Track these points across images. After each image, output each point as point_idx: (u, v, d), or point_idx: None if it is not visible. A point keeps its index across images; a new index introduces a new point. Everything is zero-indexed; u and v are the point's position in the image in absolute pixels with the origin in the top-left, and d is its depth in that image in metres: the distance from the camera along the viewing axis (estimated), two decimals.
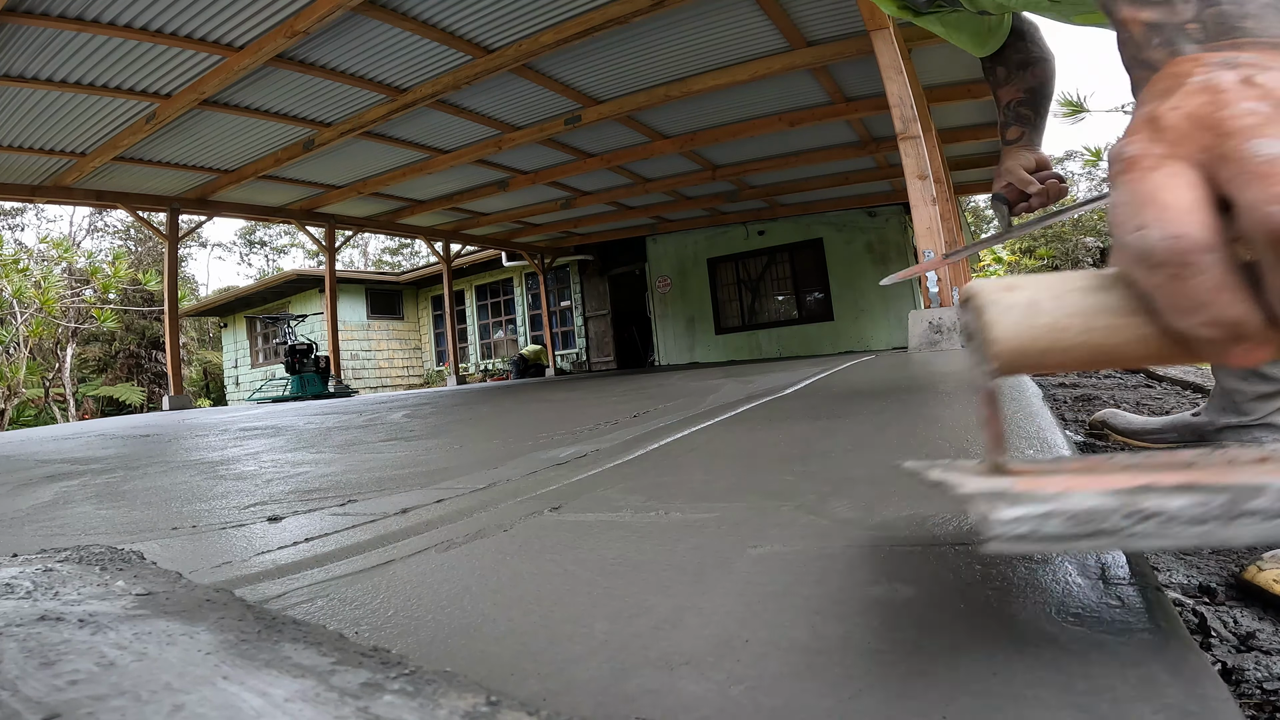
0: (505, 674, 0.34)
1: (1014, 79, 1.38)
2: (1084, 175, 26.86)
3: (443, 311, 13.57)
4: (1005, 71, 1.38)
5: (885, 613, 0.37)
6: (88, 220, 23.17)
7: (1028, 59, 1.37)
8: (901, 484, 0.65)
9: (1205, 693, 0.26)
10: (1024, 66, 1.37)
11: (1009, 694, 0.27)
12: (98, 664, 0.25)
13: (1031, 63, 1.37)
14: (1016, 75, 1.38)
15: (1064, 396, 2.73)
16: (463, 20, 4.84)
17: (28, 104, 5.34)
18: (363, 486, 1.08)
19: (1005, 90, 1.38)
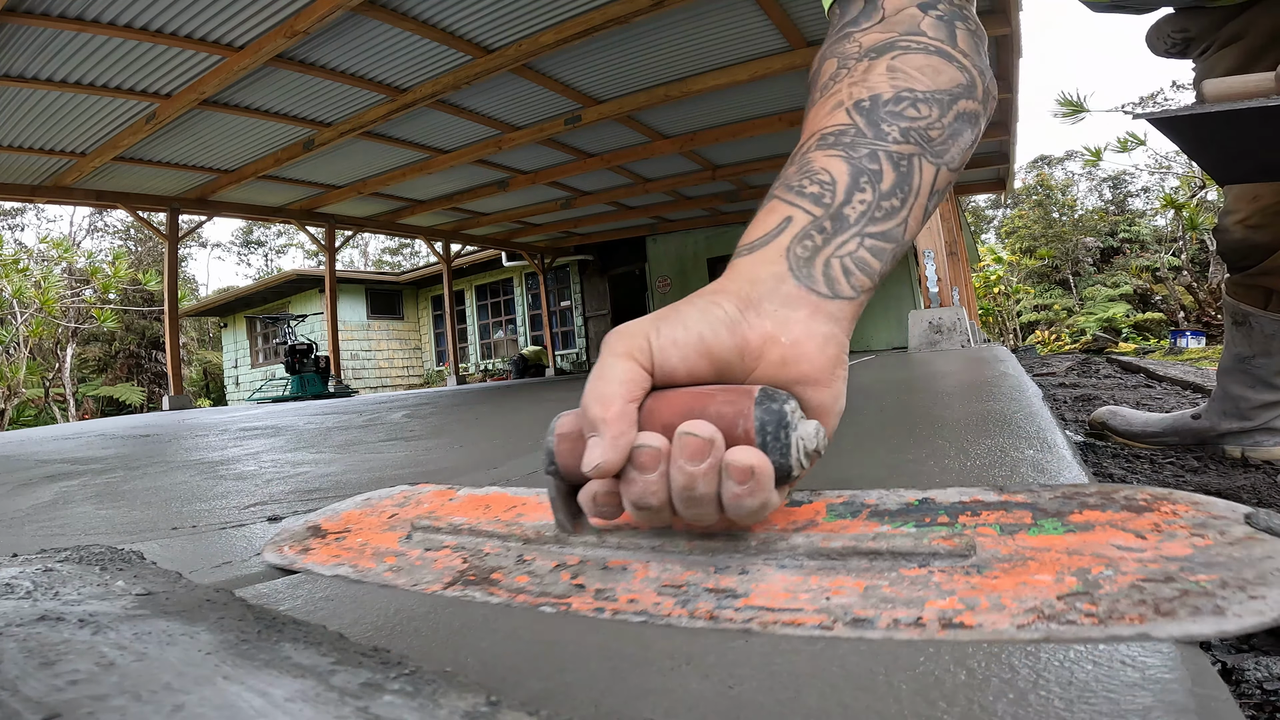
0: (506, 674, 0.34)
1: (851, 73, 0.54)
2: (1084, 175, 26.87)
3: (443, 311, 13.57)
4: (837, 59, 0.56)
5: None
6: (88, 220, 23.19)
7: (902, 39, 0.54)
8: (900, 483, 0.65)
9: (1205, 692, 0.26)
10: (884, 51, 0.54)
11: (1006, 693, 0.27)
12: (98, 664, 0.25)
13: (908, 48, 0.54)
14: (856, 65, 0.54)
15: (1064, 396, 2.73)
16: (463, 20, 4.84)
17: (28, 104, 5.34)
18: (363, 486, 1.07)
19: (815, 109, 0.54)
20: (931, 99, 0.51)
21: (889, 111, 0.50)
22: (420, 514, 0.62)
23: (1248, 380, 1.27)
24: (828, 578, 0.39)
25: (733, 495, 0.38)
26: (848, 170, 0.48)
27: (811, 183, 0.48)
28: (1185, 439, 1.39)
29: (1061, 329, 18.56)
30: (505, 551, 0.51)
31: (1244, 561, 0.33)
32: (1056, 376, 3.89)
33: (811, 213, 0.46)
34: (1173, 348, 9.60)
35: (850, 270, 0.45)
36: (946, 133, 0.51)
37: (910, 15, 0.56)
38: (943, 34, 0.55)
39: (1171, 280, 16.43)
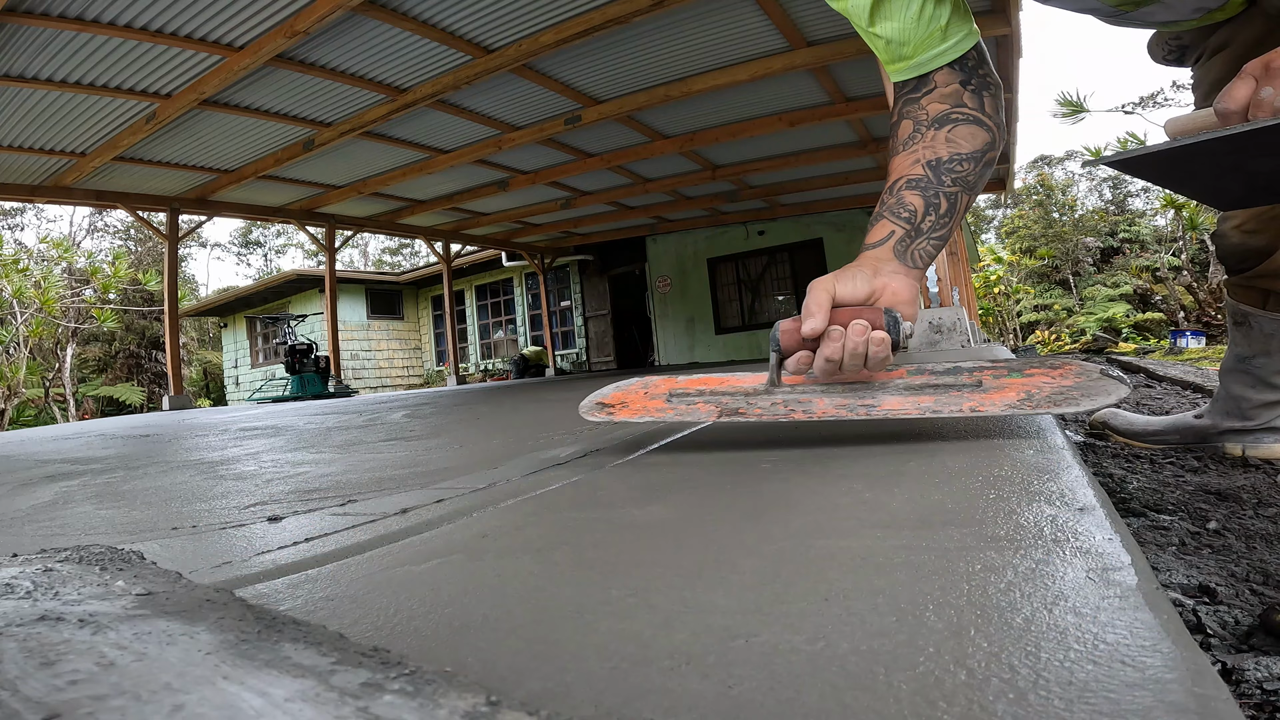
0: (506, 674, 0.34)
1: (923, 138, 0.91)
2: (1084, 175, 26.85)
3: (443, 311, 13.57)
4: (912, 122, 0.92)
5: (887, 610, 0.37)
6: (88, 220, 23.17)
7: (954, 111, 0.91)
8: (897, 483, 0.65)
9: (1205, 692, 0.26)
10: (944, 123, 0.90)
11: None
12: (98, 664, 0.25)
13: (957, 120, 0.90)
14: (927, 133, 0.91)
15: None
16: (463, 20, 4.84)
17: (28, 104, 5.34)
18: (363, 486, 1.08)
19: (901, 156, 0.92)
20: (970, 158, 0.90)
21: (946, 168, 0.90)
22: (665, 389, 1.00)
23: (1248, 380, 1.27)
24: (916, 396, 0.83)
25: (874, 352, 0.78)
26: (923, 204, 0.89)
27: (904, 209, 0.89)
28: (1186, 438, 1.39)
29: (1061, 329, 18.55)
30: (737, 399, 0.91)
31: (1094, 388, 0.77)
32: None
33: (904, 228, 0.88)
34: (1173, 348, 9.60)
35: (921, 256, 0.88)
36: (977, 176, 0.91)
37: (955, 91, 0.92)
38: (977, 103, 0.92)
39: (1171, 280, 16.43)
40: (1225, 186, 0.72)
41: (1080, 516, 0.50)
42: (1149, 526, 0.94)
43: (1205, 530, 0.91)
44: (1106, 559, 0.41)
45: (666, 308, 12.47)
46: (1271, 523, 0.93)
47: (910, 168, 0.89)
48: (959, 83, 0.92)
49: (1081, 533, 0.47)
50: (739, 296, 11.94)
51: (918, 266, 0.87)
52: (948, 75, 0.93)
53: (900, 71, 0.95)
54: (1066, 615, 0.34)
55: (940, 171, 0.88)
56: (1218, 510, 1.00)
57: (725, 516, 0.62)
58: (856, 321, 0.77)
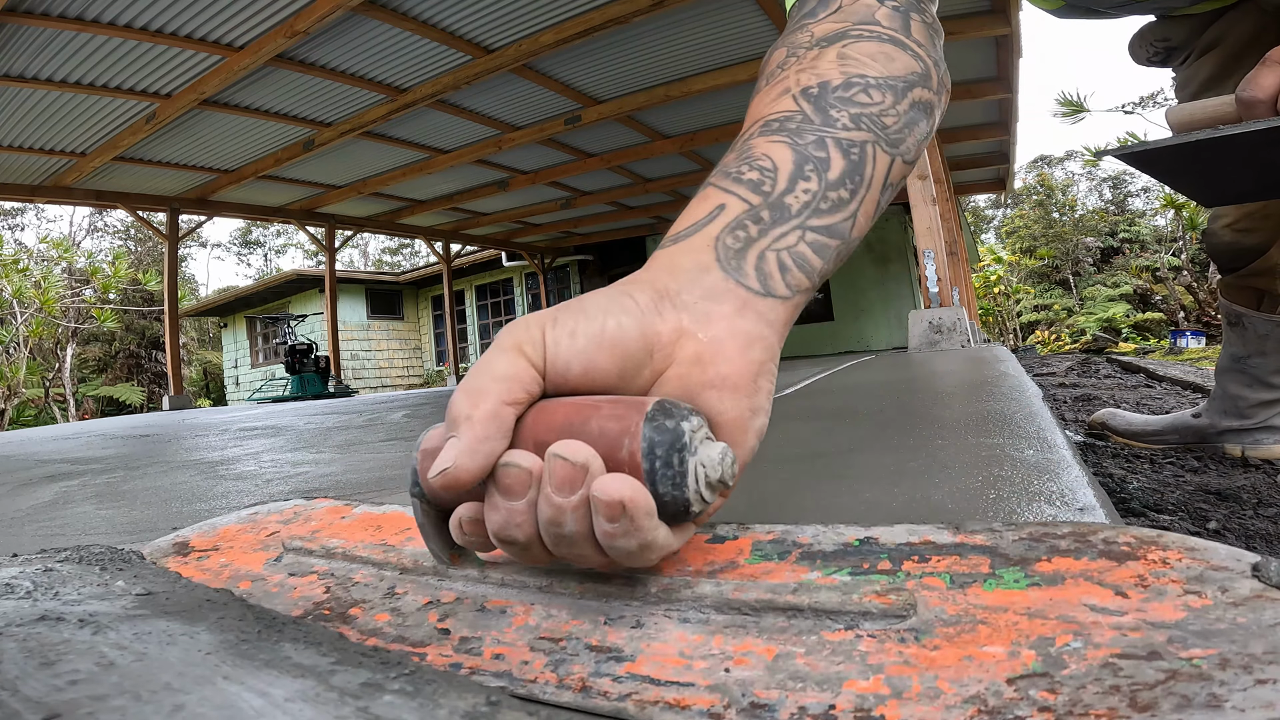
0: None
1: (799, 60, 0.51)
2: (1084, 175, 26.90)
3: (443, 311, 13.57)
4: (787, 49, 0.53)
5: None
6: (88, 220, 23.20)
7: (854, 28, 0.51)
8: (897, 483, 0.65)
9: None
10: (838, 39, 0.51)
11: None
12: (98, 664, 0.25)
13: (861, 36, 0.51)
14: (806, 54, 0.51)
15: (1064, 396, 2.73)
16: (463, 20, 4.85)
17: (28, 104, 5.34)
18: (363, 486, 1.08)
19: (768, 88, 0.50)
20: (885, 85, 0.47)
21: (839, 97, 0.46)
22: (300, 533, 0.55)
23: (1245, 380, 1.27)
24: (734, 639, 0.32)
25: (604, 533, 0.31)
26: (792, 157, 0.42)
27: (750, 169, 0.42)
28: (1185, 437, 1.39)
29: (1061, 329, 18.57)
30: (378, 582, 0.44)
31: (1250, 630, 0.24)
32: (1056, 376, 3.89)
33: (748, 200, 0.40)
34: (1173, 348, 9.61)
35: (787, 266, 0.39)
36: (902, 120, 0.47)
37: (865, 5, 0.53)
38: (897, 24, 0.53)
39: (1171, 280, 16.44)
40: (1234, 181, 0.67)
41: (1080, 517, 0.50)
42: (1149, 526, 0.94)
43: (1205, 530, 0.91)
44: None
45: None
46: (1271, 523, 0.93)
47: (771, 104, 0.48)
48: None
49: None
50: None
51: (774, 292, 0.38)
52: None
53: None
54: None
55: (826, 103, 0.46)
56: (1218, 510, 1.00)
57: (725, 516, 0.62)
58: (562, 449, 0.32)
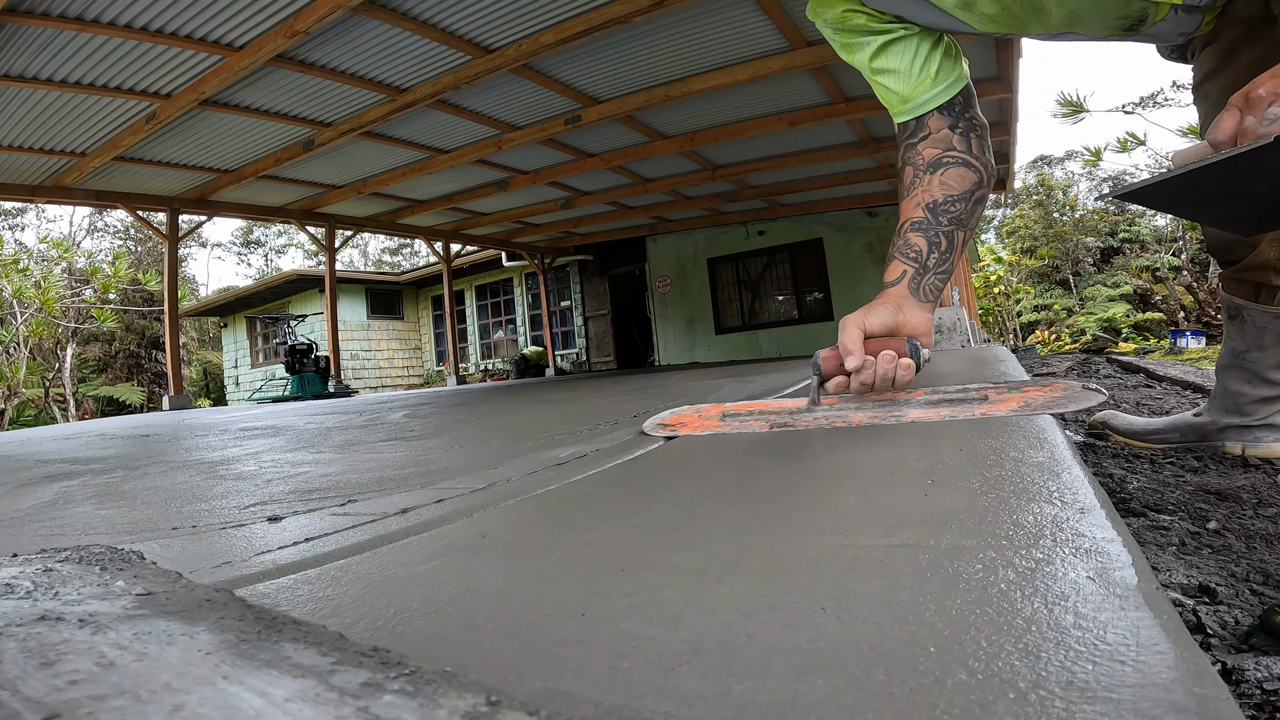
0: (506, 674, 0.34)
1: (921, 183, 1.06)
2: (1084, 175, 26.86)
3: (443, 311, 13.57)
4: (912, 168, 1.08)
5: (893, 612, 0.37)
6: (88, 220, 23.18)
7: (945, 155, 1.06)
8: (898, 483, 0.65)
9: (1205, 692, 0.26)
10: (938, 167, 1.06)
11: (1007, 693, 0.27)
12: (98, 664, 0.25)
13: (949, 163, 1.06)
14: (924, 177, 1.06)
15: None
16: (463, 20, 4.84)
17: (28, 104, 5.34)
18: (363, 486, 1.07)
19: (906, 201, 1.08)
20: (961, 198, 1.05)
21: (942, 210, 1.04)
22: (718, 412, 1.21)
23: (1244, 375, 1.27)
24: (935, 409, 1.01)
25: (901, 376, 0.94)
26: (926, 244, 1.04)
27: (912, 250, 1.04)
28: (1186, 436, 1.39)
29: (1061, 329, 18.55)
30: (784, 417, 1.09)
31: (1078, 397, 0.97)
32: (1056, 377, 3.89)
33: (914, 267, 1.03)
34: (1173, 348, 9.60)
35: (930, 290, 1.03)
36: (968, 213, 1.05)
37: (946, 135, 1.06)
38: (965, 145, 1.06)
39: (1171, 280, 16.42)
40: (1237, 212, 0.78)
41: (1080, 516, 0.50)
42: (1149, 526, 0.94)
43: (1205, 530, 0.91)
44: (1107, 559, 0.41)
45: (666, 308, 12.47)
46: (1271, 523, 0.93)
47: (913, 211, 1.05)
48: (948, 127, 1.07)
49: (1082, 533, 0.47)
50: (739, 296, 11.94)
51: (929, 300, 1.03)
52: (938, 120, 1.08)
53: (900, 115, 1.10)
54: (1067, 615, 0.34)
55: (938, 213, 1.04)
56: (1218, 510, 1.00)
57: (726, 516, 0.62)
58: (886, 351, 0.95)
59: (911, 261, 1.03)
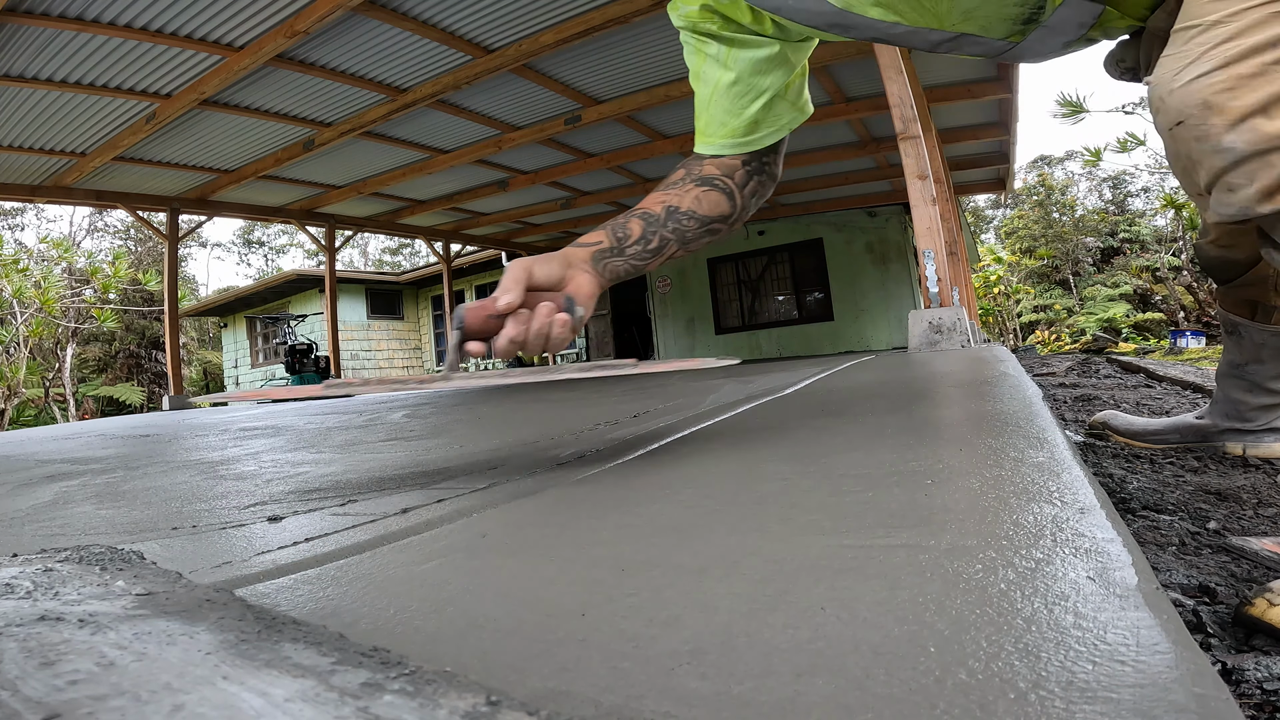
0: (506, 674, 0.34)
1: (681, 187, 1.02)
2: (1084, 175, 26.88)
3: (443, 311, 13.57)
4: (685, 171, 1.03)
5: (893, 612, 0.37)
6: (88, 220, 23.19)
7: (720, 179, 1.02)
8: (898, 483, 0.65)
9: (1205, 692, 0.26)
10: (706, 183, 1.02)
11: (1005, 693, 0.27)
12: (98, 664, 0.25)
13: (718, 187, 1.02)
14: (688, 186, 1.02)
15: (1064, 396, 2.73)
16: (463, 20, 4.84)
17: (28, 104, 5.34)
18: (363, 486, 1.07)
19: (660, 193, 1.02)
20: (699, 219, 1.01)
21: (677, 217, 1.00)
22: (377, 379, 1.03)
23: (1244, 385, 1.27)
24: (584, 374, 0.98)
25: (557, 333, 0.84)
26: (640, 234, 0.99)
27: (622, 230, 0.98)
28: (1187, 437, 1.39)
29: (1061, 329, 18.55)
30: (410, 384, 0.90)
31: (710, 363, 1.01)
32: (1056, 376, 3.89)
33: (612, 243, 0.97)
34: (1173, 348, 9.60)
35: (611, 271, 0.97)
36: (694, 237, 1.02)
37: (734, 165, 1.03)
38: (742, 182, 1.03)
39: (1171, 280, 16.43)
40: None
41: (1080, 516, 0.50)
42: (1149, 526, 0.94)
43: (1205, 530, 0.91)
44: (1107, 559, 0.42)
45: (666, 308, 12.47)
46: (1271, 523, 0.93)
47: (653, 204, 1.01)
48: (743, 162, 1.03)
49: (1082, 533, 0.47)
50: (739, 297, 11.94)
51: (604, 274, 0.97)
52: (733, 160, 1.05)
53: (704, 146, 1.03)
54: (1067, 615, 0.34)
55: (670, 217, 1.00)
56: (1218, 510, 1.00)
57: (727, 515, 0.62)
58: (544, 304, 0.85)
59: (615, 239, 0.97)
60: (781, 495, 0.67)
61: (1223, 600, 0.68)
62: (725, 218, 1.02)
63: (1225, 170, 0.61)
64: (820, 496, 0.65)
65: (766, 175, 1.05)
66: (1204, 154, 0.62)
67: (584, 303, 0.90)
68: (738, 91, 0.99)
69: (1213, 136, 0.61)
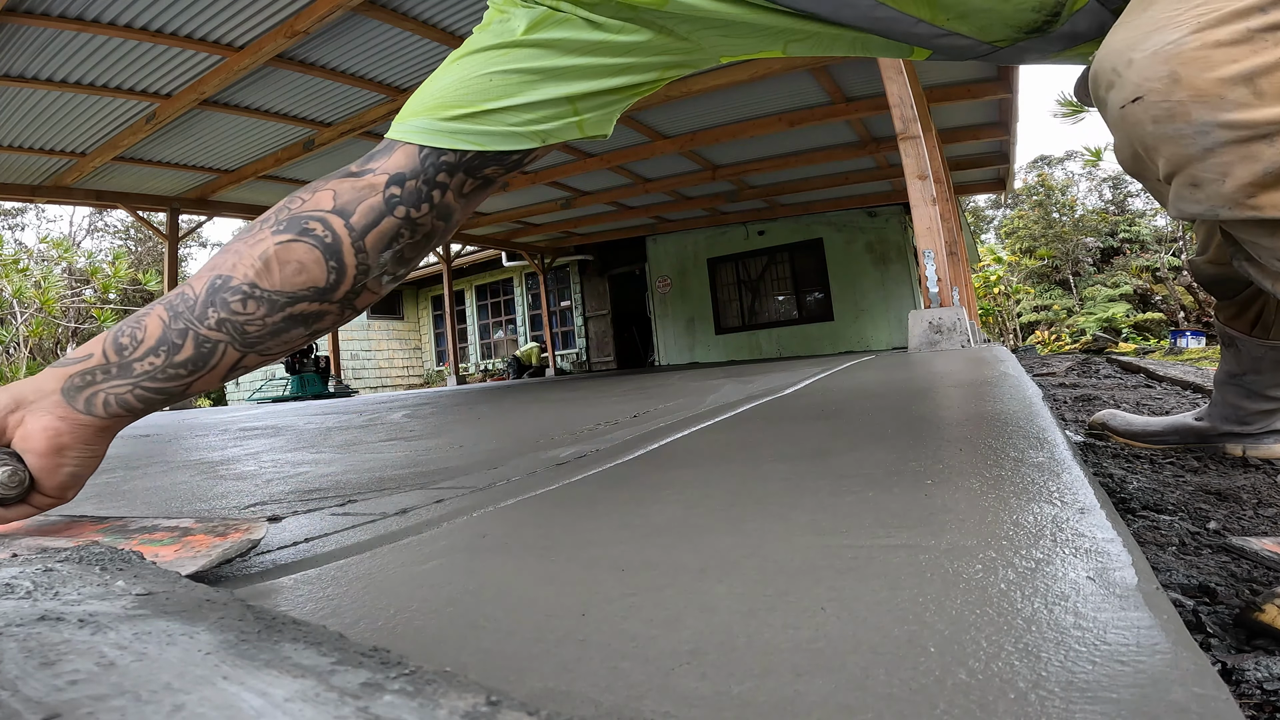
0: (506, 674, 0.34)
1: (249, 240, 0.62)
2: (1084, 175, 26.88)
3: (443, 311, 13.57)
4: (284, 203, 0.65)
5: (893, 612, 0.37)
6: (88, 220, 23.19)
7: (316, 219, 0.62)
8: (898, 483, 0.65)
9: (1205, 692, 0.26)
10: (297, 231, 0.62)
11: (1006, 693, 0.27)
12: (98, 664, 0.25)
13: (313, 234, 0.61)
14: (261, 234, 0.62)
15: (1064, 396, 2.73)
16: (463, 20, 4.84)
17: (28, 104, 5.34)
18: (363, 486, 1.07)
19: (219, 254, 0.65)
20: (267, 298, 0.60)
21: (223, 299, 0.60)
22: None
23: (1242, 392, 1.27)
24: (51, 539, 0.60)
25: None
26: (159, 336, 0.60)
27: (130, 334, 0.61)
28: (1186, 438, 1.39)
29: (1061, 329, 18.55)
30: None
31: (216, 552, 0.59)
32: (1056, 376, 3.89)
33: (109, 357, 0.61)
34: (1173, 348, 9.60)
35: (110, 403, 0.60)
36: (267, 330, 0.61)
37: (368, 186, 0.63)
38: (369, 222, 0.62)
39: (1171, 280, 16.43)
40: None
41: (1080, 516, 0.50)
42: (1149, 526, 0.94)
43: (1205, 530, 0.91)
44: (1107, 559, 0.42)
45: (666, 308, 12.47)
46: (1271, 523, 0.93)
47: (197, 278, 0.62)
48: (392, 178, 0.63)
49: (1082, 533, 0.47)
50: (739, 296, 11.94)
51: (94, 414, 0.60)
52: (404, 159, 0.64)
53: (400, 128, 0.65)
54: (1067, 615, 0.34)
55: (215, 299, 0.60)
56: (1218, 510, 1.00)
57: (727, 516, 0.62)
58: None
59: (113, 349, 0.61)
60: (781, 495, 0.67)
61: (1223, 600, 0.68)
62: (319, 290, 0.62)
63: (1192, 159, 0.48)
64: (820, 496, 0.65)
65: (430, 206, 0.65)
66: (1165, 138, 0.49)
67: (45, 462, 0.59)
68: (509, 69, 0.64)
69: (1179, 117, 0.48)
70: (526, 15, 0.65)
